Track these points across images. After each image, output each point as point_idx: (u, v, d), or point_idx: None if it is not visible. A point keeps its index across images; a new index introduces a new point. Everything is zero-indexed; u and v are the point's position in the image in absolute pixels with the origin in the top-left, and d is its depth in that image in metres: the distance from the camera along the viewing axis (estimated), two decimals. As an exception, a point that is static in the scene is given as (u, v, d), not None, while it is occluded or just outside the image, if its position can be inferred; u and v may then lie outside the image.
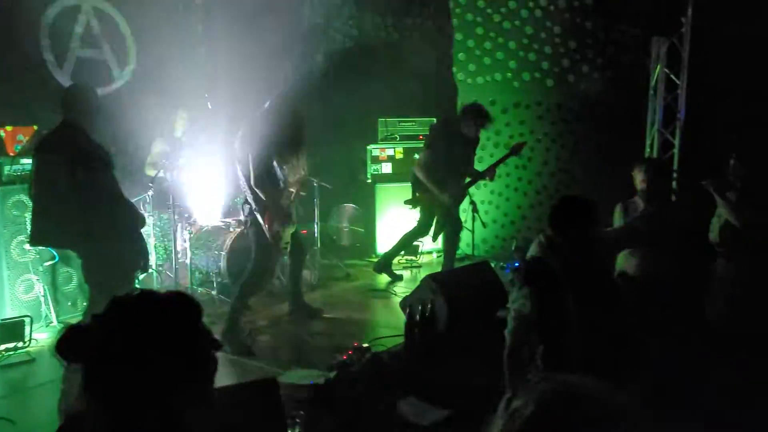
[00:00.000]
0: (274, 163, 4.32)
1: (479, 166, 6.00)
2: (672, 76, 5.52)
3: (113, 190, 3.66)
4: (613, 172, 6.29)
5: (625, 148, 6.15)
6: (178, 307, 1.36)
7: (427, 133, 5.84)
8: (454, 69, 6.90)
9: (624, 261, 4.18)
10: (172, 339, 1.32)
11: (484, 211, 6.69)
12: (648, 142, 5.86)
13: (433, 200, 5.58)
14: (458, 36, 6.78)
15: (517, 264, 5.88)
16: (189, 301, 1.38)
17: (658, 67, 5.57)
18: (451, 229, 5.79)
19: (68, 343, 1.29)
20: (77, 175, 3.55)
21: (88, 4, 5.70)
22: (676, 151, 5.59)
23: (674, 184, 5.53)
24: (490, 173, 5.66)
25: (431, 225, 5.77)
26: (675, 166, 5.64)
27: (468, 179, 5.72)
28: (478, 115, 5.50)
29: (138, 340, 1.29)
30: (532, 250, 3.13)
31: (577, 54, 6.44)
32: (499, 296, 4.42)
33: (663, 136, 5.61)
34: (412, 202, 5.77)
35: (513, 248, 6.48)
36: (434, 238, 5.93)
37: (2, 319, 4.47)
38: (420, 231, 5.90)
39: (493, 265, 5.60)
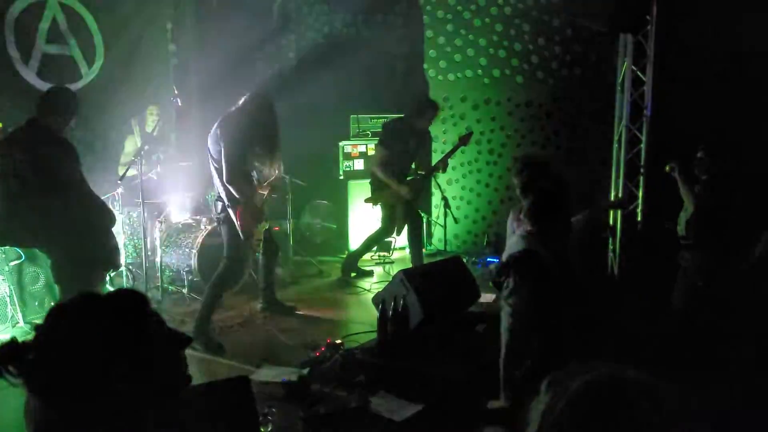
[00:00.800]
0: (248, 161, 4.32)
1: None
2: (638, 73, 5.62)
3: (82, 189, 3.64)
4: (581, 169, 6.43)
5: (594, 145, 6.27)
6: (122, 302, 1.31)
7: (381, 130, 5.93)
8: (425, 66, 6.94)
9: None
10: (118, 335, 1.26)
11: (455, 207, 6.76)
12: (615, 138, 5.96)
13: (392, 195, 5.69)
14: (429, 33, 6.83)
15: (499, 260, 5.97)
16: (132, 294, 1.34)
17: (625, 63, 5.66)
18: (413, 221, 5.86)
19: (6, 359, 1.22)
20: (46, 173, 3.52)
21: (53, -1, 5.61)
22: (643, 146, 5.69)
23: (642, 179, 5.65)
24: (442, 164, 5.82)
25: (395, 223, 5.83)
26: (642, 162, 5.75)
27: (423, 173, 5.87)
28: (428, 107, 5.63)
29: (83, 340, 1.23)
30: (519, 244, 3.16)
31: (546, 51, 6.53)
32: (471, 291, 4.50)
33: (630, 131, 5.70)
34: (372, 200, 5.85)
35: (485, 243, 6.56)
36: (398, 232, 6.01)
37: (-32, 320, 4.39)
38: (385, 231, 5.95)
39: (465, 260, 5.67)
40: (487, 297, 4.78)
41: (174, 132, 6.39)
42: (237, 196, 4.20)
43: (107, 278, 4.31)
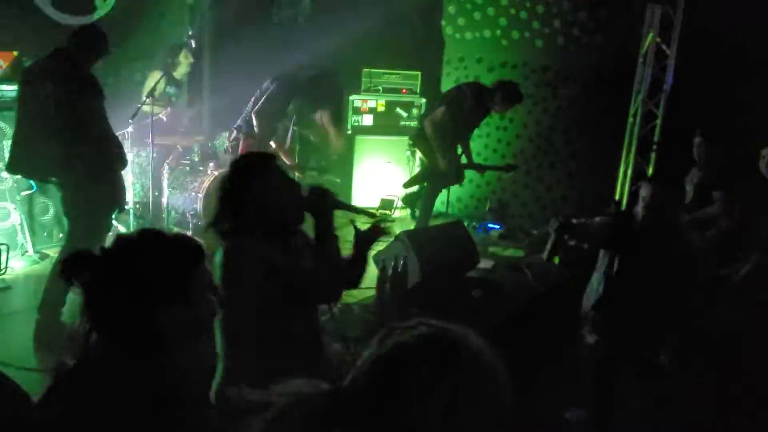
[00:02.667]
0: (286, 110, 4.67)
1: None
2: (663, 46, 5.53)
3: (103, 125, 3.67)
4: (592, 141, 6.41)
5: (608, 117, 6.23)
6: (181, 246, 1.48)
7: (451, 90, 5.53)
8: (443, 22, 6.84)
9: None
10: (171, 273, 1.43)
11: (460, 170, 6.76)
12: (631, 112, 5.92)
13: (429, 152, 5.48)
14: (449, -12, 6.70)
15: (501, 226, 6.04)
16: (191, 242, 1.51)
17: (650, 35, 5.56)
18: (432, 189, 5.84)
19: (72, 265, 1.43)
20: (67, 106, 3.54)
21: (71, -74, 5.49)
22: (659, 122, 5.65)
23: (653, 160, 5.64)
24: (481, 170, 5.93)
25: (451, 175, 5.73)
26: (656, 138, 5.73)
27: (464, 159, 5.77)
28: (517, 99, 5.37)
29: (139, 268, 1.41)
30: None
31: (569, 15, 6.40)
32: (471, 257, 4.56)
33: (647, 106, 5.66)
34: (417, 142, 5.67)
35: (486, 209, 6.60)
36: (407, 185, 5.93)
37: (-22, 247, 4.48)
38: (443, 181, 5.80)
39: (465, 224, 5.73)
40: (485, 263, 4.85)
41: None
42: (255, 129, 4.35)
43: (113, 216, 4.36)
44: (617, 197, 5.82)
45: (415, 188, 6.03)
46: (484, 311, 4.11)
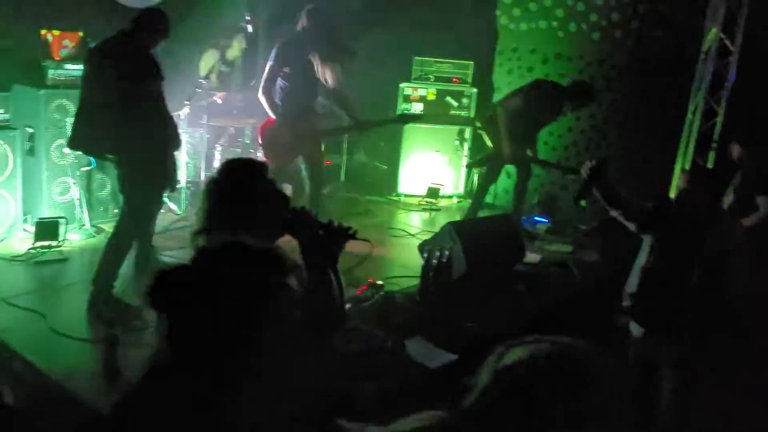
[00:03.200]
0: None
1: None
2: (726, 41, 5.34)
3: (160, 106, 3.77)
4: (648, 136, 6.25)
5: (666, 113, 6.06)
6: (266, 264, 1.36)
7: (532, 85, 5.51)
8: (498, 12, 6.75)
9: None
10: (258, 296, 1.30)
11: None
12: (691, 108, 5.74)
13: (495, 138, 5.51)
14: (506, -23, 6.61)
15: (549, 221, 6.01)
16: (280, 257, 1.40)
17: (713, 30, 5.38)
18: (489, 175, 5.85)
19: (160, 291, 1.30)
20: (128, 86, 3.65)
21: None
22: (719, 119, 5.48)
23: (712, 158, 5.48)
24: (548, 166, 5.99)
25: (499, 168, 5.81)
26: (716, 137, 5.56)
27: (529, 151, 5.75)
28: (589, 99, 5.42)
29: (226, 289, 1.27)
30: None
31: (629, 8, 6.24)
32: (517, 250, 4.53)
33: (708, 103, 5.49)
34: (484, 125, 5.71)
35: (535, 202, 6.52)
36: (469, 166, 6.14)
37: (40, 218, 4.67)
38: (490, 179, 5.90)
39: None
40: (532, 257, 4.81)
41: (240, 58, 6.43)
42: (266, 110, 4.57)
43: (165, 194, 4.50)
44: (673, 195, 5.66)
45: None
46: (527, 306, 4.09)
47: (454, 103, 6.78)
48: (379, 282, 4.17)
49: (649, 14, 6.17)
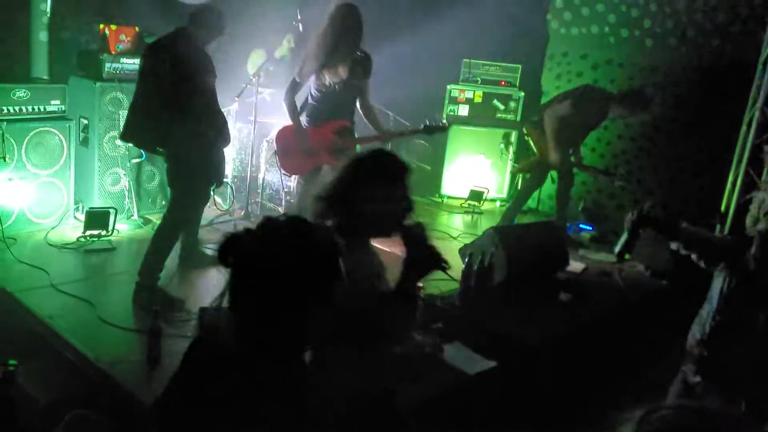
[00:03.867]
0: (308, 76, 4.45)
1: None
2: (786, 54, 5.17)
3: (213, 103, 3.83)
4: (700, 147, 6.09)
5: (718, 124, 5.89)
6: (322, 238, 1.49)
7: (582, 91, 5.44)
8: (549, 16, 6.66)
9: None
10: (312, 263, 1.43)
11: (556, 167, 6.60)
12: (746, 120, 5.57)
13: (543, 145, 5.46)
14: (559, -19, 6.52)
15: (592, 228, 5.90)
16: (332, 238, 1.52)
17: (773, 39, 5.21)
18: (533, 181, 5.80)
19: (228, 249, 1.43)
20: (182, 81, 3.72)
21: None
22: (774, 132, 5.30)
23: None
24: (595, 173, 5.88)
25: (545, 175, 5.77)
26: (769, 150, 5.39)
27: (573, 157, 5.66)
28: (643, 108, 5.28)
29: (284, 256, 1.41)
30: None
31: (684, 16, 6.08)
32: (560, 258, 4.46)
33: (764, 115, 5.31)
34: (530, 132, 5.64)
35: (579, 209, 6.41)
36: (513, 173, 6.04)
37: (90, 207, 4.80)
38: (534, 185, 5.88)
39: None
40: (575, 266, 4.73)
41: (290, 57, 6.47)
42: (286, 113, 4.45)
43: (212, 188, 4.56)
44: (723, 208, 5.50)
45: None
46: (570, 316, 4.02)
47: (501, 106, 6.72)
48: (419, 284, 4.16)
49: (706, 23, 6.01)
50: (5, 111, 4.51)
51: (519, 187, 6.02)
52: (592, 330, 3.95)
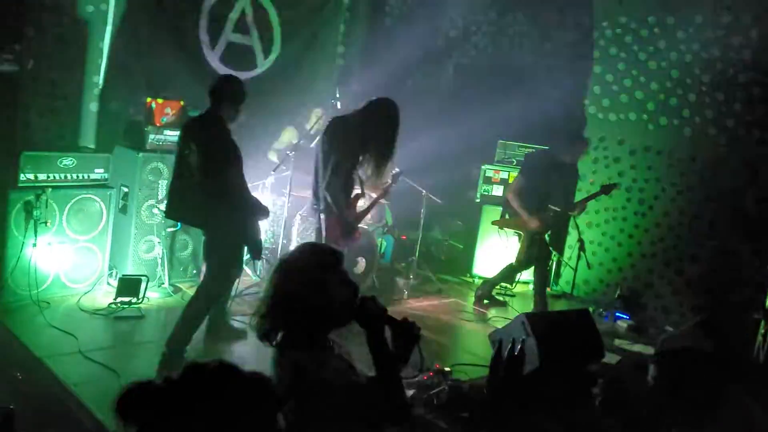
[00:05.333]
0: (356, 168, 4.23)
1: (593, 205, 5.91)
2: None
3: (242, 183, 3.91)
4: (741, 237, 5.92)
5: (763, 211, 5.75)
6: (256, 393, 1.25)
7: (522, 160, 5.94)
8: (586, 102, 6.71)
9: None
10: (242, 425, 1.20)
11: (591, 252, 6.48)
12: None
13: (521, 226, 5.68)
14: (597, 69, 6.59)
15: (629, 317, 5.74)
16: (268, 390, 1.28)
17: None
18: (540, 257, 5.73)
19: (129, 401, 1.21)
20: (212, 167, 3.81)
21: (247, -8, 6.05)
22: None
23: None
24: (580, 207, 5.70)
25: (533, 255, 5.72)
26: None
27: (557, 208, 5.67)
28: (575, 143, 5.59)
29: (207, 414, 1.18)
30: None
31: (724, 107, 6.07)
32: (594, 349, 4.30)
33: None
34: (499, 223, 5.90)
35: (616, 296, 6.24)
36: (517, 264, 5.95)
37: (124, 275, 4.86)
38: (521, 265, 5.87)
39: (591, 309, 5.44)
40: (610, 357, 4.55)
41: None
42: (330, 205, 4.16)
43: (245, 261, 4.58)
44: None
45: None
46: (604, 411, 3.83)
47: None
48: (447, 369, 4.04)
49: (746, 114, 5.97)
50: (51, 178, 4.66)
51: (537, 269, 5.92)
52: (629, 428, 3.74)
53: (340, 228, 4.28)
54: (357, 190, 4.38)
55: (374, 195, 4.61)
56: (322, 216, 4.27)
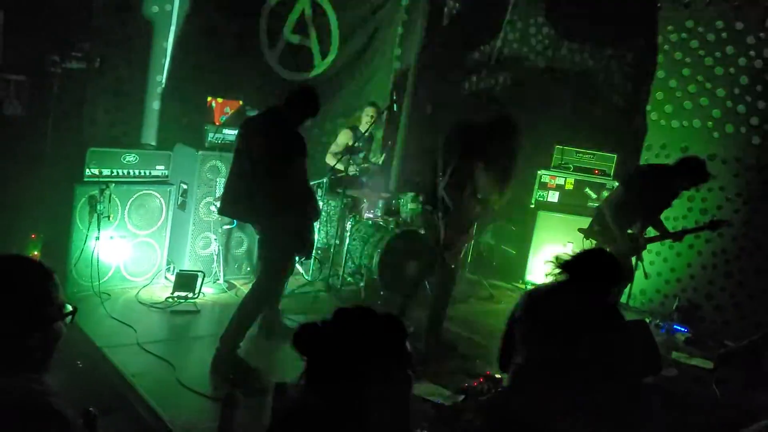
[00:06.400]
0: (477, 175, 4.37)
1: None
2: None
3: (304, 179, 3.93)
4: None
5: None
6: (390, 326, 1.64)
7: (633, 174, 5.39)
8: (648, 107, 6.52)
9: None
10: (381, 350, 1.60)
11: (649, 261, 6.29)
12: None
13: (608, 240, 5.19)
14: (660, 74, 6.40)
15: (687, 330, 5.53)
16: (399, 325, 1.66)
17: None
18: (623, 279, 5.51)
19: (301, 338, 1.62)
20: (274, 160, 3.84)
21: (307, -7, 6.10)
22: None
23: None
24: (679, 237, 5.37)
25: None
26: None
27: (650, 233, 5.37)
28: (701, 175, 5.00)
29: (355, 344, 1.59)
30: None
31: (794, 114, 5.82)
32: (652, 362, 4.18)
33: None
34: (587, 233, 5.41)
35: (674, 307, 6.05)
36: None
37: (181, 270, 4.97)
38: None
39: (648, 320, 5.29)
40: (668, 371, 4.42)
41: (381, 135, 6.66)
42: (449, 205, 4.33)
43: (299, 260, 4.62)
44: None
45: None
46: (661, 424, 3.73)
47: (593, 195, 6.56)
48: (498, 376, 3.99)
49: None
50: (115, 174, 4.81)
51: None
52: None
53: (454, 226, 4.40)
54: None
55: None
56: (440, 215, 4.41)
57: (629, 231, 5.29)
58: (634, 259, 5.94)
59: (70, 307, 1.55)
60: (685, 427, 3.82)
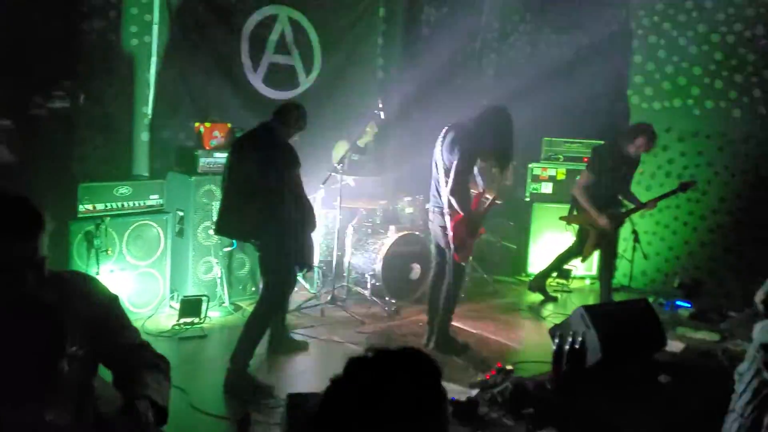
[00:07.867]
0: (476, 172, 4.60)
1: (645, 195, 5.77)
2: None
3: (299, 191, 3.99)
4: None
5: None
6: (416, 370, 1.30)
7: (590, 155, 5.76)
8: (629, 92, 6.62)
9: None
10: (411, 405, 1.25)
11: (646, 242, 6.36)
12: None
13: (589, 221, 5.54)
14: (637, 58, 6.51)
15: (691, 305, 5.58)
16: (426, 361, 1.32)
17: None
18: (606, 254, 5.62)
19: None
20: (268, 174, 3.90)
21: (284, 13, 6.17)
22: None
23: None
24: (651, 205, 5.56)
25: (584, 246, 5.67)
26: None
27: (627, 206, 5.60)
28: (640, 133, 5.39)
29: (378, 405, 1.24)
30: None
31: (774, 84, 5.92)
32: (657, 338, 4.22)
33: None
34: (567, 219, 5.78)
35: (675, 285, 6.09)
36: (584, 259, 5.88)
37: (185, 296, 5.00)
38: (573, 252, 5.81)
39: (651, 299, 5.32)
40: (674, 346, 4.45)
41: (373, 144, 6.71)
42: (457, 208, 4.39)
43: (299, 274, 4.66)
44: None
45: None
46: (672, 399, 3.76)
47: (584, 183, 6.62)
48: (509, 367, 4.01)
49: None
50: (109, 207, 4.85)
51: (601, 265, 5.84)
52: (697, 416, 3.65)
53: (466, 227, 4.48)
54: (473, 191, 4.68)
55: (489, 197, 4.74)
56: (448, 218, 4.46)
57: (622, 209, 5.55)
58: (632, 241, 6.03)
59: None
60: (696, 398, 3.85)
